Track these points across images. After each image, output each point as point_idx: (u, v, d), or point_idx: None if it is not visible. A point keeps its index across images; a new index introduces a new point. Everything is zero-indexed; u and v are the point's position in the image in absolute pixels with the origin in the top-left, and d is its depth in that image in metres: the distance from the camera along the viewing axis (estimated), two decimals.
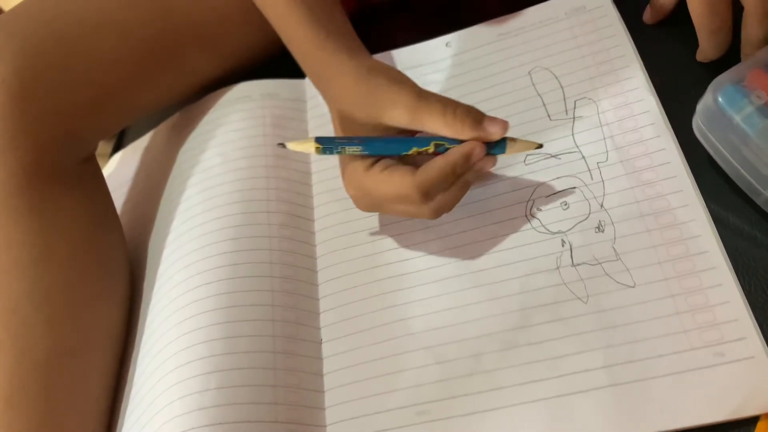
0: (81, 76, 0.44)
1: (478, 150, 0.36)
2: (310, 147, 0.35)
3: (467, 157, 0.36)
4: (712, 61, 0.41)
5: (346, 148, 0.36)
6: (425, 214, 0.37)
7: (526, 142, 0.38)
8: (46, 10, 0.44)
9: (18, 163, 0.40)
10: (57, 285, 0.41)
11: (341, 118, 0.39)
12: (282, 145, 0.36)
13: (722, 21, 0.38)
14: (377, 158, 0.37)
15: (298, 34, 0.41)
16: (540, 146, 0.38)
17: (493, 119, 0.36)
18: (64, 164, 0.43)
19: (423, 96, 0.36)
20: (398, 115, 0.36)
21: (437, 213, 0.38)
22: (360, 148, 0.36)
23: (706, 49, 0.40)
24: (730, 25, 0.39)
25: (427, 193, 0.35)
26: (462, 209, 0.41)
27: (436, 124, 0.36)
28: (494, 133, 0.36)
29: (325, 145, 0.35)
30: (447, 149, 0.36)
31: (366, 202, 0.39)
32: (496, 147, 0.37)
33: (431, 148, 0.37)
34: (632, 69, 0.43)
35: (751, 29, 0.38)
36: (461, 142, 0.36)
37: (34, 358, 0.40)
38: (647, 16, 0.45)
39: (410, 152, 0.37)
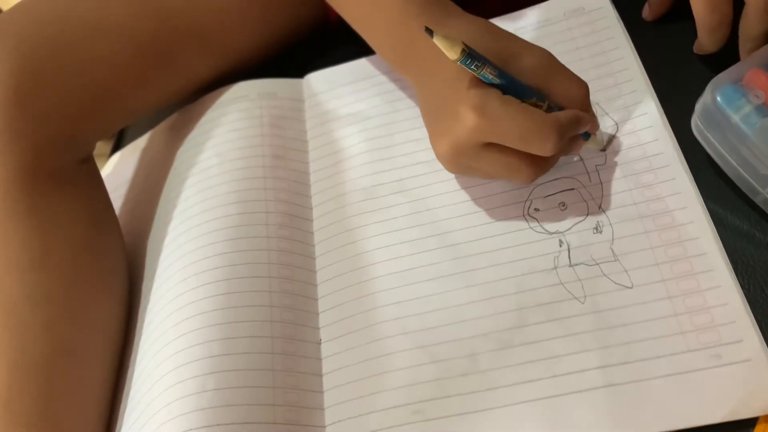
0: (78, 77, 0.44)
1: (589, 121, 0.37)
2: (456, 47, 0.33)
3: (588, 120, 0.37)
4: (710, 56, 0.41)
5: (486, 67, 0.34)
6: (531, 170, 0.36)
7: (598, 141, 0.41)
8: (42, 12, 0.44)
9: (16, 164, 0.40)
10: (55, 286, 0.41)
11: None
12: (429, 31, 0.33)
13: (722, 17, 0.38)
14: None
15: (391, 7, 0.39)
16: (603, 150, 0.41)
17: (594, 113, 0.38)
18: (61, 165, 0.43)
19: (555, 59, 0.37)
20: (531, 66, 0.36)
21: (539, 173, 0.37)
22: (497, 73, 0.35)
23: (705, 43, 0.40)
24: (730, 21, 0.38)
25: (561, 132, 0.35)
26: (459, 207, 0.41)
27: (560, 88, 0.36)
28: (595, 126, 0.38)
29: (471, 52, 0.34)
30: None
31: (476, 135, 0.35)
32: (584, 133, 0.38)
33: (545, 106, 0.36)
34: (631, 71, 0.43)
35: (751, 24, 0.38)
36: None
37: (33, 358, 0.40)
38: (646, 12, 0.45)
39: (530, 100, 0.36)
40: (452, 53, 0.33)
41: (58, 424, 0.40)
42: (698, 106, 0.37)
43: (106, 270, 0.44)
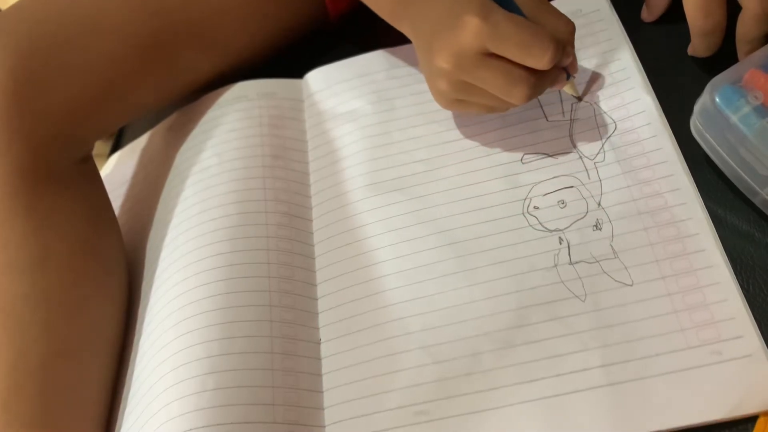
0: (77, 76, 0.43)
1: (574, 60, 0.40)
2: None
3: (571, 54, 0.39)
4: (709, 57, 0.41)
5: None
6: (531, 81, 0.37)
7: (574, 88, 0.42)
8: (40, 10, 0.44)
9: (14, 163, 0.40)
10: (54, 286, 0.41)
11: None
12: None
13: (716, 22, 0.38)
14: None
15: None
16: (579, 99, 0.43)
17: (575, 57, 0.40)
18: (60, 165, 0.43)
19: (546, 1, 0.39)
20: (523, 1, 0.38)
21: (536, 87, 0.38)
22: None
23: (698, 47, 0.41)
24: (724, 27, 0.39)
25: (557, 45, 0.36)
26: (459, 205, 0.42)
27: (551, 20, 0.38)
28: (574, 66, 0.40)
29: None
30: None
31: (477, 42, 0.36)
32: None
33: None
34: (629, 70, 0.43)
35: (748, 28, 0.38)
36: None
37: (32, 359, 0.39)
38: (645, 14, 0.45)
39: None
40: None
41: (57, 425, 0.40)
42: (697, 106, 0.37)
43: (105, 270, 0.44)
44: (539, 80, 0.38)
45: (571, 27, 0.38)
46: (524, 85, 0.37)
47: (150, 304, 0.43)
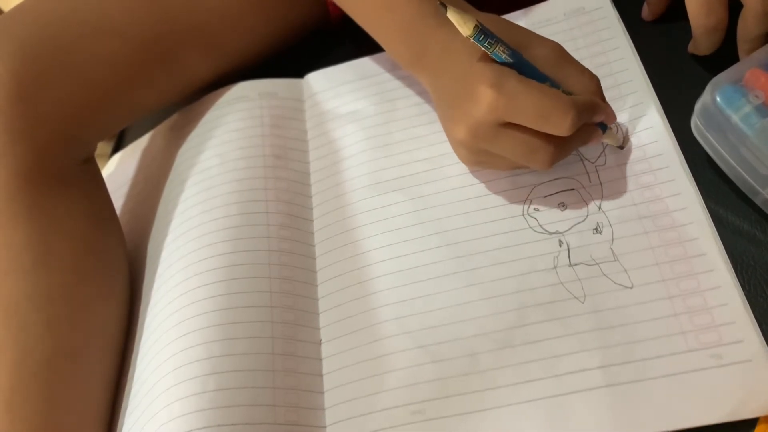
0: (79, 78, 0.44)
1: (604, 109, 0.37)
2: (469, 24, 0.33)
3: (603, 109, 0.37)
4: (710, 56, 0.41)
5: (499, 45, 0.35)
6: (550, 151, 0.36)
7: (616, 137, 0.40)
8: (43, 12, 0.44)
9: (17, 165, 0.40)
10: (57, 286, 0.41)
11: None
12: (443, 5, 0.34)
13: (718, 21, 0.38)
14: None
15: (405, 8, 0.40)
16: (621, 148, 0.40)
17: (609, 105, 0.38)
18: (63, 166, 0.43)
19: (567, 52, 0.38)
20: (543, 56, 0.37)
21: (558, 155, 0.37)
22: (510, 52, 0.35)
23: (699, 45, 0.41)
24: (725, 25, 0.39)
25: (579, 111, 0.34)
26: (459, 206, 0.41)
27: (573, 80, 0.37)
28: (611, 115, 0.38)
29: (483, 29, 0.34)
30: None
31: (492, 114, 0.35)
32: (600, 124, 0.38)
33: (560, 90, 0.36)
34: (631, 71, 0.43)
35: (749, 27, 0.38)
36: None
37: (34, 358, 0.40)
38: (645, 12, 0.45)
39: (544, 83, 0.36)
40: (465, 29, 0.33)
41: (60, 424, 0.40)
42: (698, 106, 0.37)
43: (107, 270, 0.44)
44: (564, 144, 0.37)
45: (595, 81, 0.37)
46: (545, 152, 0.36)
47: (151, 304, 0.44)
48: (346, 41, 0.49)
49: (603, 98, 0.38)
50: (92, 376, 0.42)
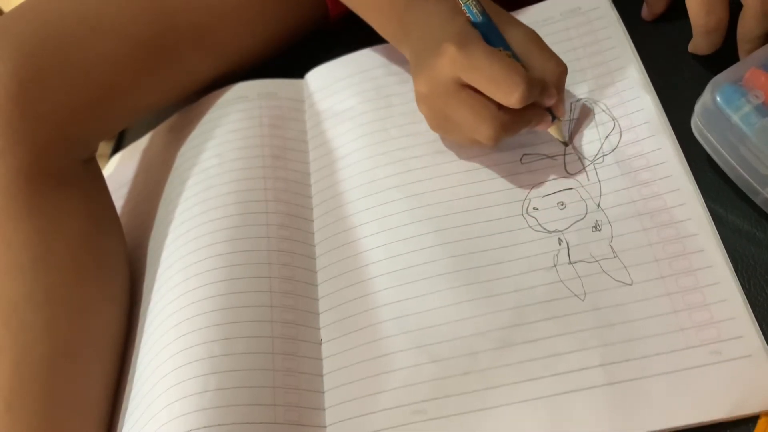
0: (80, 78, 0.44)
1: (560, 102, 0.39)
2: None
3: (554, 95, 0.38)
4: (710, 56, 0.41)
5: (473, 4, 0.37)
6: (499, 121, 0.37)
7: (561, 132, 0.41)
8: (44, 12, 0.44)
9: (17, 164, 0.40)
10: (57, 286, 0.41)
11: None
12: None
13: (718, 21, 0.38)
14: None
15: None
16: (566, 145, 0.42)
17: (563, 98, 0.40)
18: (64, 165, 0.43)
19: (539, 37, 0.39)
20: (516, 36, 0.38)
21: (505, 129, 0.38)
22: (481, 9, 0.37)
23: (700, 45, 0.41)
24: (726, 25, 0.39)
25: (529, 84, 0.36)
26: (458, 205, 0.41)
27: (539, 62, 0.38)
28: (559, 105, 0.39)
29: None
30: None
31: (451, 70, 0.37)
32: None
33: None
34: (629, 69, 0.43)
35: (749, 26, 0.38)
36: None
37: (34, 358, 0.40)
38: (645, 12, 0.45)
39: (500, 48, 0.38)
40: None
41: (60, 424, 0.40)
42: (698, 106, 0.37)
43: (107, 270, 0.44)
44: (511, 120, 0.38)
45: (561, 68, 0.38)
46: (491, 123, 0.37)
47: (151, 304, 0.44)
48: (345, 41, 0.49)
49: (561, 88, 0.39)
50: (92, 376, 0.42)
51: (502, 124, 0.37)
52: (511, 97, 0.36)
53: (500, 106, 0.37)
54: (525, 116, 0.38)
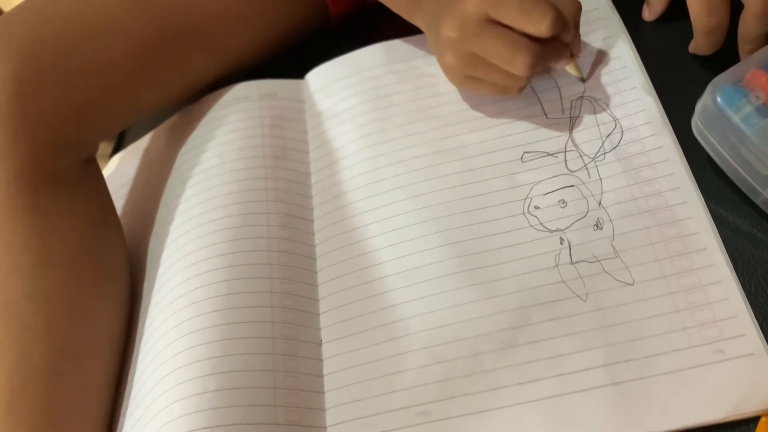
0: (80, 78, 0.44)
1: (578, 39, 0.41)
2: None
3: (573, 33, 0.39)
4: (710, 57, 0.41)
5: None
6: (531, 51, 0.38)
7: (578, 69, 0.43)
8: (43, 12, 0.44)
9: (17, 165, 0.40)
10: (57, 286, 0.41)
11: None
12: None
13: (719, 21, 0.39)
14: None
15: None
16: (583, 80, 0.43)
17: (579, 36, 0.41)
18: (64, 166, 0.43)
19: None
20: None
21: (536, 63, 0.38)
22: None
23: (700, 45, 0.41)
24: (727, 25, 0.39)
25: (557, 11, 0.37)
26: (459, 205, 0.41)
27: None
28: (577, 41, 0.41)
29: None
30: None
31: (480, 8, 0.38)
32: None
33: None
34: (629, 68, 0.43)
35: (749, 27, 0.38)
36: None
37: (34, 359, 0.40)
38: (646, 13, 0.45)
39: None
40: None
41: (60, 425, 0.40)
42: (698, 106, 0.37)
43: (107, 270, 0.44)
44: (542, 50, 0.38)
45: (576, 4, 0.39)
46: (526, 52, 0.38)
47: (152, 304, 0.43)
48: (346, 41, 0.49)
49: (577, 25, 0.40)
50: (92, 376, 0.42)
51: (536, 53, 0.38)
52: (542, 24, 0.37)
53: (531, 37, 0.38)
54: (552, 47, 0.39)
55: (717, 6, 0.38)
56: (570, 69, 0.42)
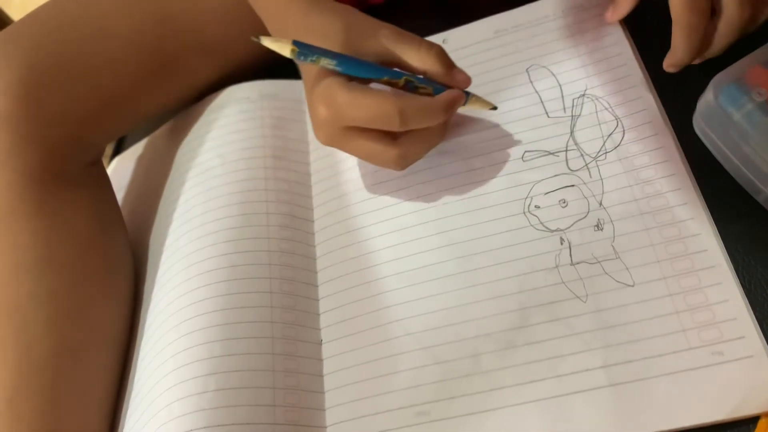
0: (85, 82, 0.44)
1: (459, 98, 0.38)
2: (285, 47, 0.35)
3: (447, 103, 0.38)
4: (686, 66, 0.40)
5: (322, 58, 0.36)
6: (392, 155, 0.37)
7: (484, 101, 0.41)
8: (50, 19, 0.45)
9: (24, 166, 0.41)
10: (61, 285, 0.41)
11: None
12: (257, 39, 0.35)
13: (700, 19, 0.37)
14: (351, 78, 0.38)
15: None
16: (494, 108, 0.41)
17: (460, 70, 0.39)
18: (70, 168, 0.43)
19: (402, 31, 0.38)
20: (377, 44, 0.38)
21: (404, 158, 0.38)
22: (335, 62, 0.36)
23: (679, 48, 0.39)
24: (706, 25, 0.37)
25: (406, 118, 0.36)
26: (460, 205, 0.41)
27: (412, 57, 0.38)
28: (462, 81, 0.39)
29: (302, 49, 0.35)
30: (416, 87, 0.38)
31: (332, 125, 0.37)
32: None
33: (402, 82, 0.38)
34: (630, 67, 0.42)
35: (720, 36, 0.38)
36: (431, 82, 0.39)
37: (37, 357, 0.40)
38: (609, 14, 0.44)
39: (382, 79, 0.38)
40: (286, 52, 0.35)
41: (61, 423, 0.40)
42: (700, 104, 0.37)
43: (111, 270, 0.45)
44: (412, 138, 0.38)
45: (434, 51, 0.38)
46: (389, 153, 0.37)
47: (152, 304, 0.44)
48: None
49: (447, 66, 0.38)
50: (94, 376, 0.42)
51: (406, 151, 0.38)
52: (395, 125, 0.36)
53: (395, 135, 0.37)
54: (430, 131, 0.38)
55: (701, 3, 0.37)
56: (473, 105, 0.41)
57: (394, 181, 0.44)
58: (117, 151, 0.60)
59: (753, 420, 0.32)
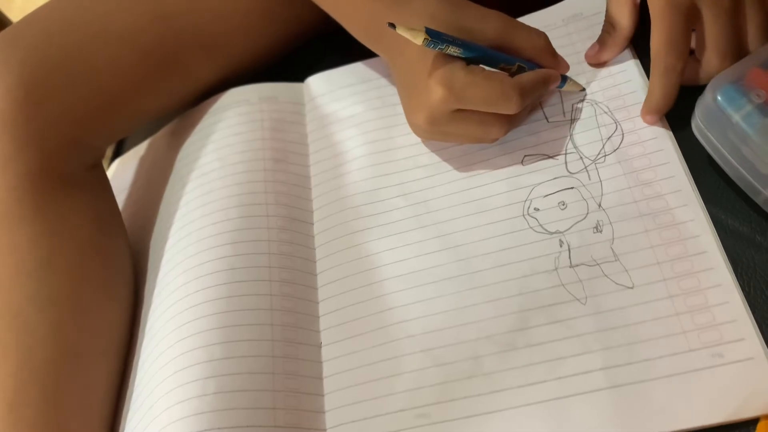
0: (86, 84, 0.44)
1: (557, 76, 0.41)
2: (419, 35, 0.36)
3: (553, 77, 0.41)
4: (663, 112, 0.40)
5: (450, 46, 0.37)
6: (499, 127, 0.40)
7: (576, 83, 0.43)
8: (50, 21, 0.45)
9: (24, 169, 0.41)
10: (62, 289, 0.41)
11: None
12: (392, 25, 0.36)
13: (678, 58, 0.37)
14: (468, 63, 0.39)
15: None
16: (583, 89, 0.43)
17: (562, 57, 0.42)
18: (70, 170, 0.44)
19: (509, 18, 0.40)
20: (491, 29, 0.39)
21: (510, 123, 0.41)
22: (461, 49, 0.38)
23: (656, 90, 0.39)
24: (683, 69, 0.38)
25: (523, 93, 0.38)
26: (460, 208, 0.41)
27: (523, 42, 0.40)
28: (566, 66, 0.42)
29: (433, 37, 0.36)
30: (524, 72, 0.40)
31: (445, 106, 0.38)
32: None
33: (515, 68, 0.40)
34: (630, 72, 0.42)
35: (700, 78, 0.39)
36: (537, 68, 0.41)
37: (38, 360, 0.40)
38: (591, 52, 0.44)
39: (498, 66, 0.40)
40: (417, 41, 0.36)
41: (63, 426, 0.40)
42: (698, 105, 0.37)
43: (112, 273, 0.45)
44: (515, 117, 0.40)
45: (542, 37, 0.40)
46: (497, 128, 0.40)
47: (152, 307, 0.44)
48: (347, 45, 0.49)
49: (553, 52, 0.41)
50: (95, 379, 0.42)
51: (507, 125, 0.40)
52: (509, 109, 0.38)
53: (521, 97, 0.38)
54: (525, 109, 0.41)
55: (680, 44, 0.37)
56: (569, 87, 0.43)
57: (395, 187, 0.44)
58: (117, 153, 0.60)
59: (753, 422, 0.32)
